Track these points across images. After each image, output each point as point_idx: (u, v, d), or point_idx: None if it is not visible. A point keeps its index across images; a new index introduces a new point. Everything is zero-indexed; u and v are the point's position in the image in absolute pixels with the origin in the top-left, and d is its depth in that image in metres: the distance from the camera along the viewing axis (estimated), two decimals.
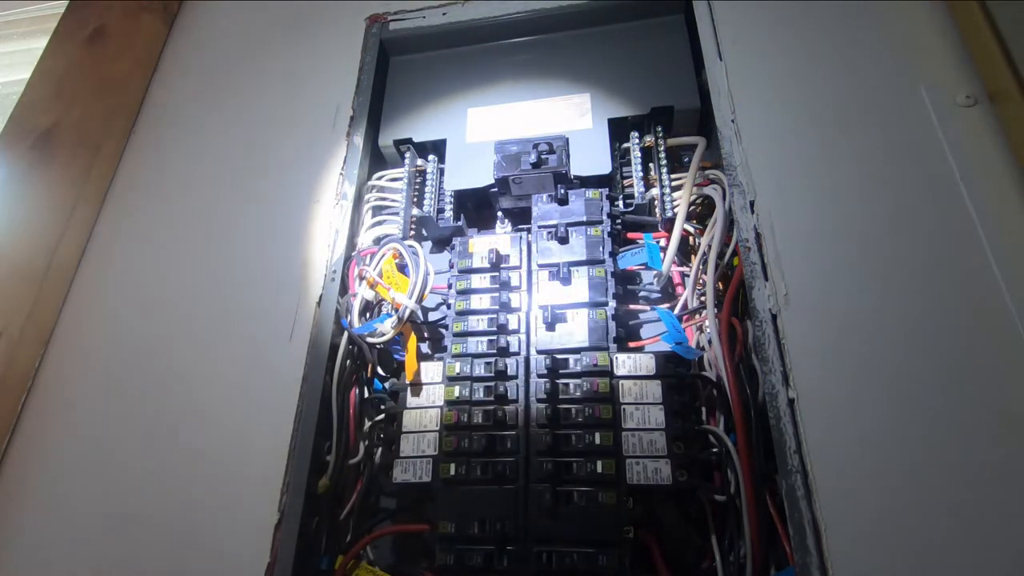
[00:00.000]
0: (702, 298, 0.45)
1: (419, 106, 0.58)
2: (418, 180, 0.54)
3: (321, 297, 0.48)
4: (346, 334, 0.47)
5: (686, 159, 0.50)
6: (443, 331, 0.48)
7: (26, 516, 0.46)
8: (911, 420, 0.36)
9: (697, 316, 0.45)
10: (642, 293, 0.50)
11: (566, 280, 0.45)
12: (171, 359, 0.50)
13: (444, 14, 0.60)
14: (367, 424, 0.47)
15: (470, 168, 0.52)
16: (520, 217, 0.53)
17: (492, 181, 0.51)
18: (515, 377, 0.43)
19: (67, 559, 0.44)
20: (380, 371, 0.49)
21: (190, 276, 0.53)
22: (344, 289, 0.49)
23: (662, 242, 0.48)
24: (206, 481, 0.44)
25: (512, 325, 0.45)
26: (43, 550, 0.45)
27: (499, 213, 0.54)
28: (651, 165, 0.50)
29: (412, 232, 0.52)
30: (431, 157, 0.55)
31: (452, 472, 0.41)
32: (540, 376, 0.43)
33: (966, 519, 0.34)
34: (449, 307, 0.47)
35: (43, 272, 0.54)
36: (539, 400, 0.42)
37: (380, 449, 0.45)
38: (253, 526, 0.41)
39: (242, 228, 0.55)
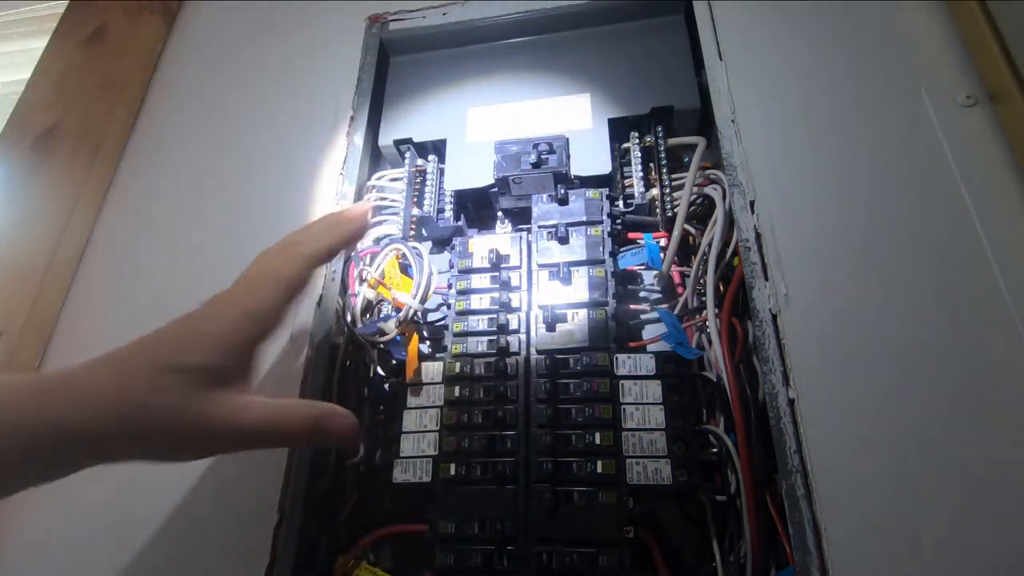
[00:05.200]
0: (702, 298, 0.45)
1: (419, 106, 0.58)
2: (418, 180, 0.54)
3: (321, 297, 0.48)
4: (347, 334, 0.47)
5: (686, 159, 0.50)
6: (443, 331, 0.48)
7: (26, 516, 0.46)
8: (911, 420, 0.36)
9: (697, 316, 0.45)
10: (642, 293, 0.50)
11: (566, 280, 0.45)
12: None
13: (444, 14, 0.60)
14: (367, 424, 0.47)
15: (470, 168, 0.52)
16: (520, 217, 0.53)
17: (492, 181, 0.51)
18: (515, 377, 0.43)
19: (67, 558, 0.44)
20: (380, 371, 0.49)
21: (190, 276, 0.53)
22: (344, 289, 0.49)
23: (662, 242, 0.48)
24: (206, 481, 0.44)
25: (512, 325, 0.45)
26: (43, 550, 0.45)
27: (499, 213, 0.54)
28: (651, 165, 0.50)
29: (412, 232, 0.52)
30: (431, 157, 0.55)
31: (452, 472, 0.41)
32: (540, 376, 0.43)
33: (967, 519, 0.34)
34: (449, 307, 0.47)
35: (43, 272, 0.54)
36: (539, 400, 0.42)
37: (380, 449, 0.45)
38: (253, 526, 0.41)
39: (242, 227, 0.55)
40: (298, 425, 0.34)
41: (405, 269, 0.49)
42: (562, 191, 0.48)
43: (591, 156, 0.51)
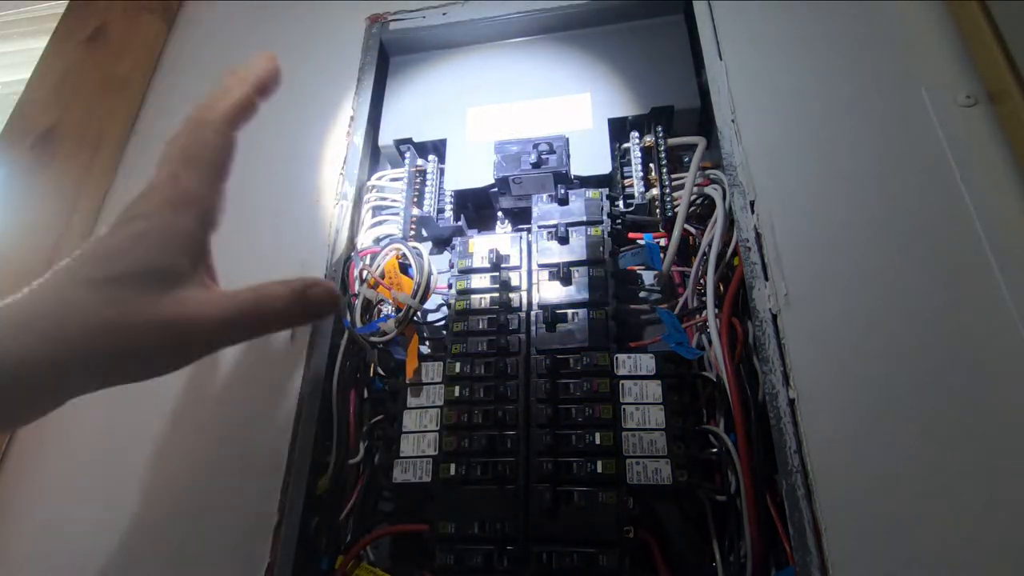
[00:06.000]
0: (702, 298, 0.45)
1: (419, 106, 0.58)
2: (418, 180, 0.54)
3: None
4: (346, 334, 0.47)
5: (686, 159, 0.50)
6: (443, 331, 0.48)
7: (25, 516, 0.46)
8: (911, 420, 0.36)
9: (697, 316, 0.45)
10: (642, 293, 0.50)
11: (566, 280, 0.45)
12: None
13: (444, 14, 0.60)
14: (367, 424, 0.47)
15: (470, 168, 0.52)
16: (520, 217, 0.53)
17: (492, 181, 0.51)
18: (515, 377, 0.43)
19: (67, 559, 0.44)
20: (380, 371, 0.49)
21: None
22: (344, 289, 0.49)
23: (662, 242, 0.48)
24: (206, 481, 0.44)
25: (512, 325, 0.45)
26: (43, 550, 0.45)
27: (499, 213, 0.54)
28: (651, 165, 0.50)
29: (412, 232, 0.52)
30: (431, 157, 0.55)
31: (452, 472, 0.41)
32: (540, 376, 0.43)
33: (967, 519, 0.34)
34: (449, 307, 0.47)
35: (43, 272, 0.53)
36: (539, 400, 0.42)
37: (380, 449, 0.45)
38: (253, 526, 0.41)
39: (242, 227, 0.54)
40: (282, 302, 0.31)
41: (405, 269, 0.49)
42: (562, 191, 0.48)
43: (591, 156, 0.51)
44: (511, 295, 0.46)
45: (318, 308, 0.33)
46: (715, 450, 0.40)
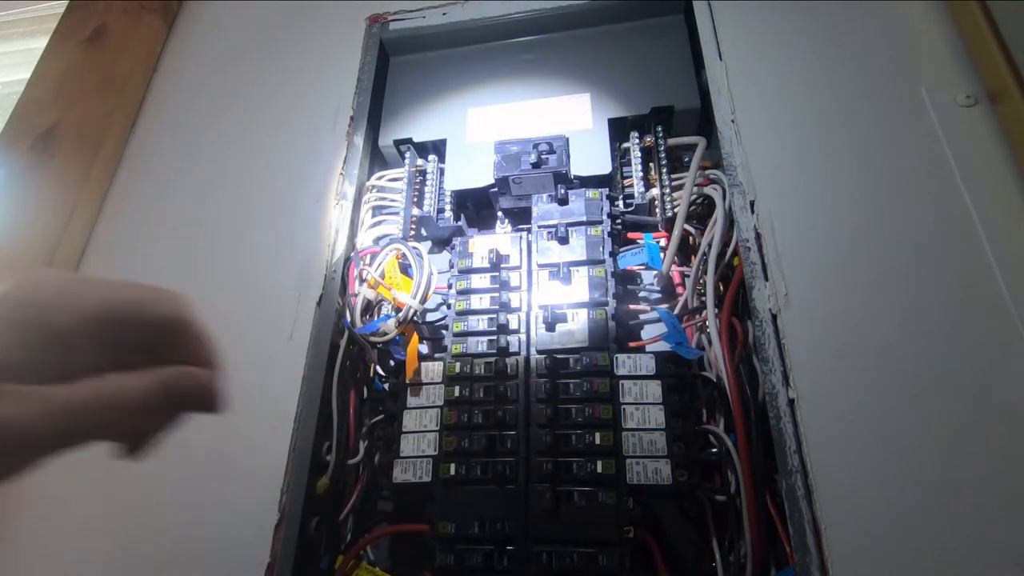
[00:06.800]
0: (702, 298, 0.45)
1: (419, 106, 0.58)
2: (418, 180, 0.54)
3: (321, 297, 0.48)
4: (346, 334, 0.47)
5: (686, 159, 0.50)
6: (443, 331, 0.48)
7: (25, 517, 0.46)
8: (911, 420, 0.36)
9: (697, 316, 0.45)
10: (642, 293, 0.50)
11: (566, 280, 0.45)
12: None
13: (444, 14, 0.60)
14: (367, 424, 0.47)
15: (470, 168, 0.52)
16: (520, 217, 0.53)
17: (492, 181, 0.51)
18: (515, 377, 0.43)
19: (67, 558, 0.44)
20: (380, 371, 0.49)
21: (190, 276, 0.53)
22: (344, 289, 0.49)
23: (662, 242, 0.48)
24: (206, 481, 0.44)
25: (512, 325, 0.45)
26: (44, 549, 0.45)
27: (499, 213, 0.54)
28: (651, 165, 0.50)
29: (412, 232, 0.52)
30: (431, 157, 0.55)
31: (452, 472, 0.41)
32: (540, 376, 0.43)
33: (966, 518, 0.34)
34: (449, 307, 0.47)
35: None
36: (539, 400, 0.42)
37: (380, 449, 0.45)
38: (253, 526, 0.41)
39: (242, 228, 0.55)
40: (141, 398, 0.24)
41: (405, 269, 0.49)
42: (562, 191, 0.48)
43: (591, 156, 0.51)
44: (511, 295, 0.46)
45: (192, 402, 0.27)
46: (715, 450, 0.40)
